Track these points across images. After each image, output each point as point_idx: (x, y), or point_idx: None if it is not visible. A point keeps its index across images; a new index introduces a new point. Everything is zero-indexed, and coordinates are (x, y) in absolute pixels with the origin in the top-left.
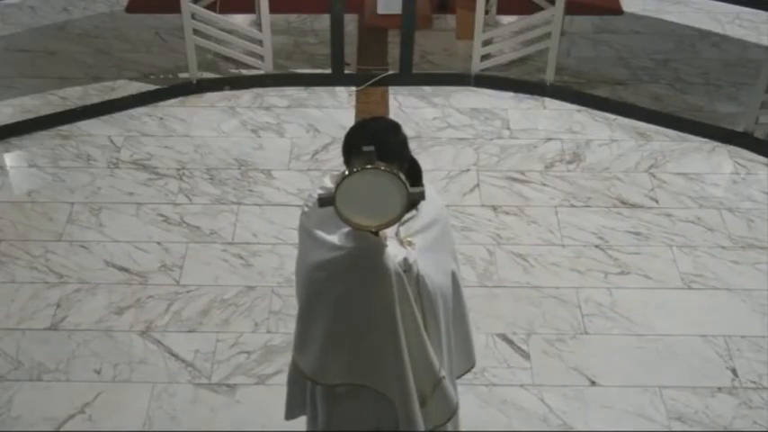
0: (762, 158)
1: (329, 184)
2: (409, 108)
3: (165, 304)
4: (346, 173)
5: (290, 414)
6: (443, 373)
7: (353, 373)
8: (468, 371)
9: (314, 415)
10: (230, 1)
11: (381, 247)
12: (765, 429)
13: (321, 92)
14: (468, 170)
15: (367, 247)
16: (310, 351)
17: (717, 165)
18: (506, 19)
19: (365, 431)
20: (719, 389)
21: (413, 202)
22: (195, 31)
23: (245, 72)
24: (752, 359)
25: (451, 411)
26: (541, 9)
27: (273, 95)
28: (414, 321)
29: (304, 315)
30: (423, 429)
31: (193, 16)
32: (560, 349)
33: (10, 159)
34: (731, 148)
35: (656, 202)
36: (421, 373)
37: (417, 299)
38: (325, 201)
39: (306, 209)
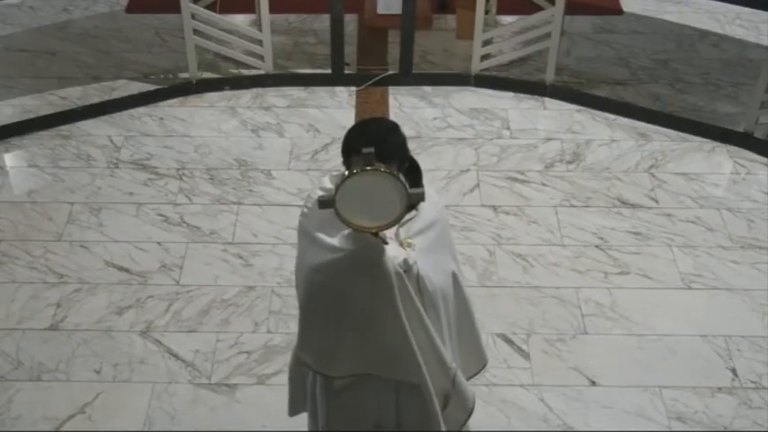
0: (762, 158)
1: (328, 184)
2: (409, 108)
3: (165, 304)
4: (346, 174)
5: (293, 410)
6: (455, 364)
7: (362, 364)
8: (481, 370)
9: (314, 413)
10: (230, 1)
11: (381, 248)
12: (765, 429)
13: (321, 92)
14: (468, 170)
15: (366, 248)
16: (315, 347)
17: (717, 165)
18: (506, 19)
19: (365, 429)
20: (719, 389)
21: (413, 203)
22: (195, 31)
23: (245, 72)
24: (752, 359)
25: (470, 408)
26: (541, 9)
27: (273, 95)
28: (419, 319)
29: (305, 314)
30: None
31: (193, 16)
32: (560, 349)
33: (10, 159)
34: (731, 148)
35: (656, 202)
36: (435, 368)
37: (418, 299)
38: (326, 203)
39: (305, 209)
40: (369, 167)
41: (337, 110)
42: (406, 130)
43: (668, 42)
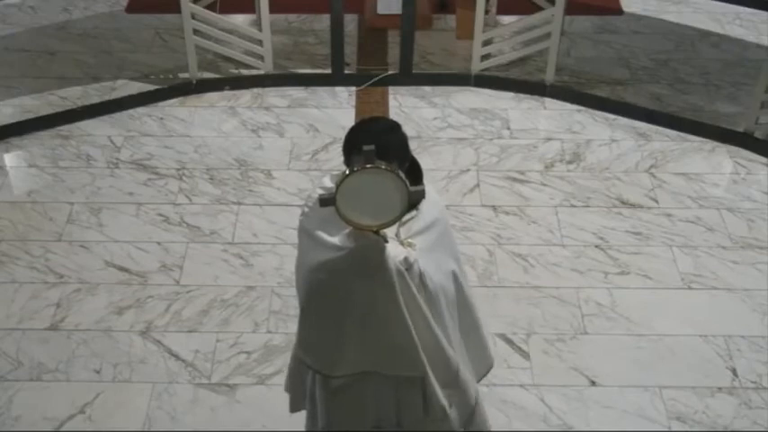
0: (762, 158)
1: (329, 183)
2: (409, 108)
3: (165, 304)
4: (347, 172)
5: (294, 407)
6: (457, 360)
7: (364, 363)
8: (487, 373)
9: (313, 413)
10: (230, 1)
11: (382, 246)
12: (765, 429)
13: (321, 92)
14: (468, 170)
15: (367, 247)
16: (316, 347)
17: (717, 165)
18: (506, 19)
19: (365, 428)
20: (719, 389)
21: (413, 201)
22: (195, 31)
23: (245, 72)
24: (752, 359)
25: (473, 404)
26: (541, 9)
27: (273, 95)
28: (421, 316)
29: (306, 314)
30: (448, 406)
31: (193, 16)
32: (560, 349)
33: (10, 159)
34: (731, 148)
35: (656, 202)
36: (438, 364)
37: (420, 296)
38: (327, 201)
39: (306, 209)
40: (369, 165)
41: (337, 110)
42: (407, 130)
43: (668, 42)
